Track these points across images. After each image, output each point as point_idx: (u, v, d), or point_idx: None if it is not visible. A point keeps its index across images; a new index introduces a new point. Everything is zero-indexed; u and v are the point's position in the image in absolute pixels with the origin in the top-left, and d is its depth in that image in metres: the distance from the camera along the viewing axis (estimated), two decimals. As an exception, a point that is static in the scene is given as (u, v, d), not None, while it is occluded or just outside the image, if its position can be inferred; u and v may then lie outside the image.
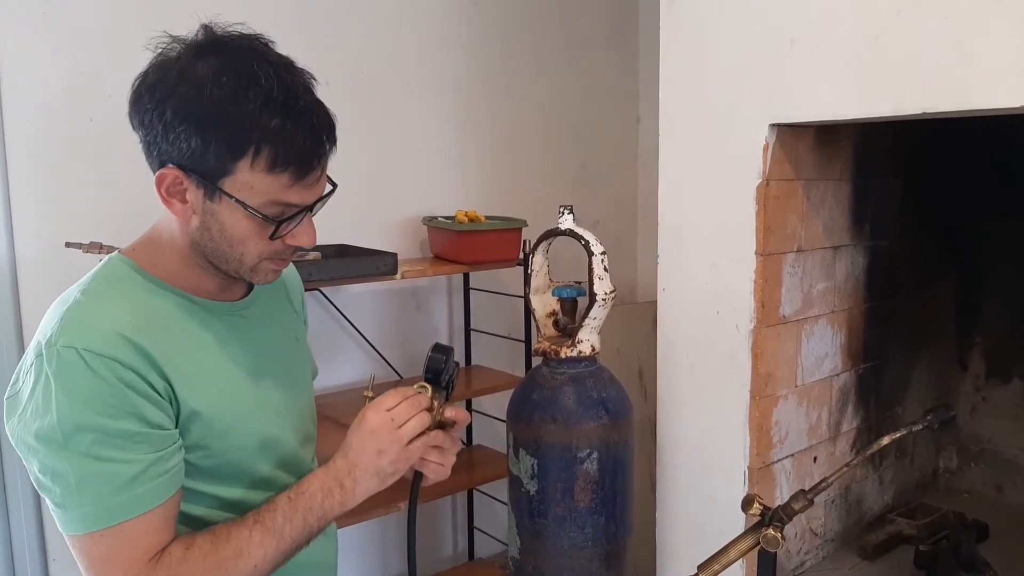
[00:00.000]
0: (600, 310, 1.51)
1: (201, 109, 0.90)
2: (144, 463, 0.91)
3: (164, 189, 0.94)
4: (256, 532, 0.97)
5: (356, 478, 1.03)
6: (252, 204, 0.93)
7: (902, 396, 2.10)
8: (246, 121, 0.90)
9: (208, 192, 0.93)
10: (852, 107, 1.41)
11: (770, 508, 1.16)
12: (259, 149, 0.90)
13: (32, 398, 0.91)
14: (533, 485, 1.54)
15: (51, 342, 0.91)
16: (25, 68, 1.81)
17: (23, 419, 0.92)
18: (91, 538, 0.92)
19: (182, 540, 0.95)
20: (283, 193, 0.94)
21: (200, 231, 0.96)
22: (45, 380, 0.90)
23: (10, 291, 1.83)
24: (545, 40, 2.76)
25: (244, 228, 0.95)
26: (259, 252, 0.98)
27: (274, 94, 0.91)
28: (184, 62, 0.93)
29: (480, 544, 2.67)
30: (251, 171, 0.91)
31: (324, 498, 1.02)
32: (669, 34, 1.72)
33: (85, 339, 0.90)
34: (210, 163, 0.91)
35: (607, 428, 1.52)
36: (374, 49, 2.33)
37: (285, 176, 0.92)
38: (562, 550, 1.53)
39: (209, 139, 0.90)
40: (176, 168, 0.92)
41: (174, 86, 0.91)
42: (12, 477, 1.87)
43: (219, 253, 0.98)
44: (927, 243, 2.13)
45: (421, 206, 2.48)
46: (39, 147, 1.85)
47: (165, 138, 0.92)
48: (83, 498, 0.90)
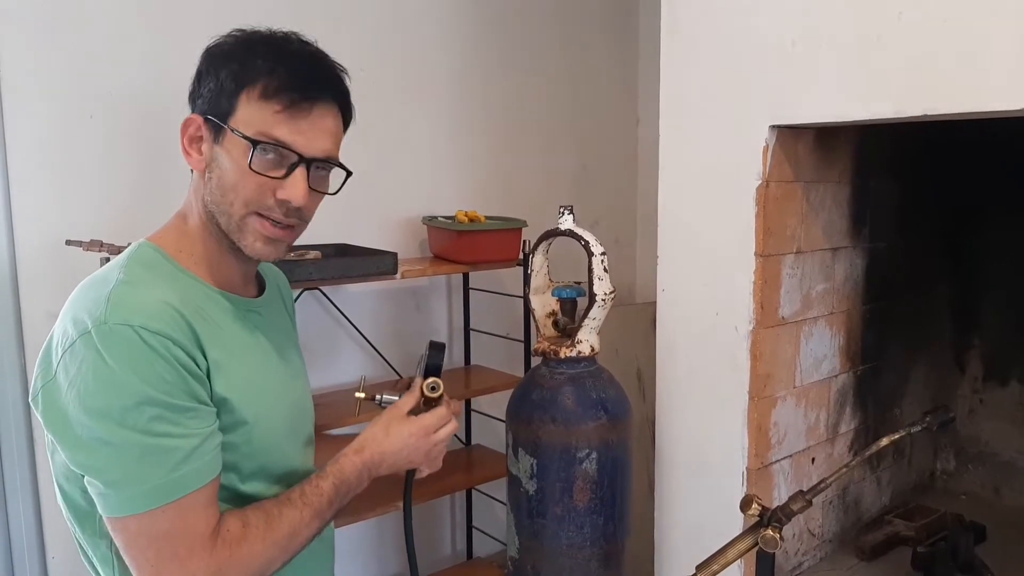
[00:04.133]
0: (600, 310, 1.51)
1: (217, 55, 1.01)
2: (199, 437, 0.93)
3: (187, 138, 1.01)
4: (306, 513, 1.02)
5: (381, 472, 1.11)
6: (247, 134, 0.98)
7: (900, 398, 2.11)
8: (249, 57, 0.99)
9: (216, 135, 1.00)
10: (852, 109, 1.42)
11: (768, 509, 1.16)
12: (255, 79, 0.98)
13: (80, 378, 0.89)
14: (532, 485, 1.54)
15: (102, 320, 0.90)
16: (25, 66, 1.81)
17: (67, 401, 0.90)
18: (151, 516, 0.91)
19: (236, 515, 0.97)
20: (274, 125, 0.98)
21: (208, 185, 1.01)
22: (96, 358, 0.89)
23: (10, 288, 1.83)
24: (545, 40, 2.77)
25: (237, 168, 0.99)
26: (246, 199, 0.99)
27: (276, 38, 1.02)
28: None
29: (479, 544, 2.67)
30: (248, 102, 0.98)
31: (357, 485, 1.08)
32: (669, 35, 1.72)
33: (140, 317, 0.91)
34: (222, 104, 0.99)
35: (606, 428, 1.52)
36: (374, 49, 2.33)
37: (275, 103, 0.98)
38: (560, 550, 1.53)
39: (221, 79, 0.99)
40: (198, 114, 1.01)
41: (205, 52, 1.02)
42: (11, 475, 1.87)
43: (218, 210, 1.01)
44: (926, 245, 2.14)
45: (421, 206, 2.48)
46: (40, 145, 1.85)
47: (198, 91, 1.02)
48: (144, 474, 0.90)
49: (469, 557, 2.66)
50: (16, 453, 1.88)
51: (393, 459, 1.11)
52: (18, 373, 1.86)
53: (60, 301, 1.99)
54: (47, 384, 0.92)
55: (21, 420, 1.87)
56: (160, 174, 1.95)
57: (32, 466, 1.90)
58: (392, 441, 1.10)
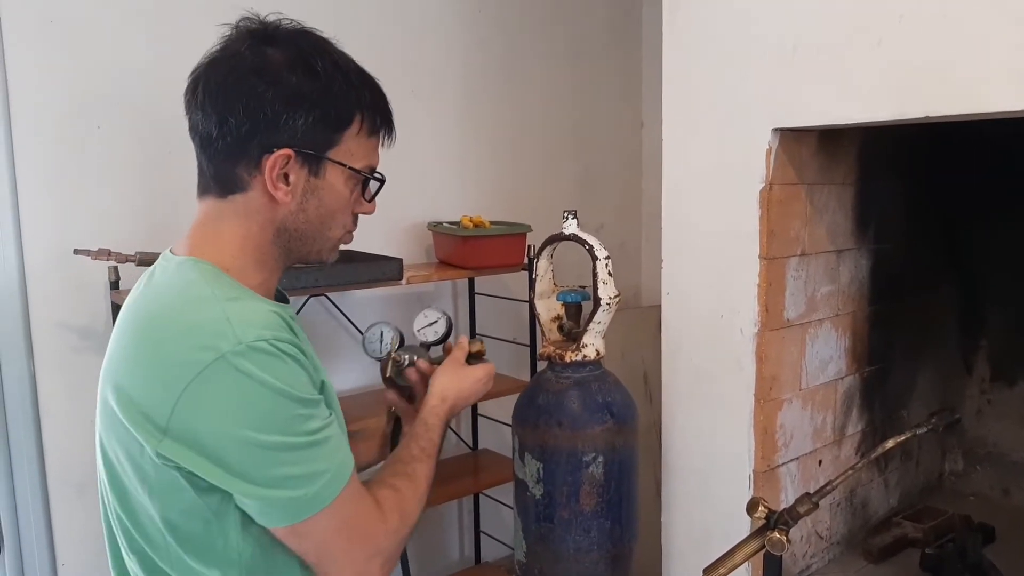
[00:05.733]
0: (604, 314, 1.51)
1: (305, 90, 0.98)
2: (335, 421, 0.99)
3: (275, 173, 0.99)
4: (430, 464, 1.14)
5: (456, 411, 1.25)
6: (357, 167, 1.04)
7: (907, 399, 2.10)
8: (349, 95, 1.01)
9: (313, 168, 1.00)
10: (855, 111, 1.42)
11: (775, 511, 1.17)
12: (363, 117, 1.03)
13: (229, 402, 0.89)
14: (539, 489, 1.54)
15: (236, 341, 0.89)
16: (34, 76, 1.83)
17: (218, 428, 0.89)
18: (337, 503, 0.95)
19: (379, 484, 1.07)
20: (372, 156, 1.07)
21: (296, 214, 1.02)
22: (245, 379, 0.89)
23: (19, 297, 1.85)
24: (548, 45, 2.77)
25: (341, 199, 1.05)
26: (344, 224, 1.08)
27: (352, 68, 1.04)
28: (259, 49, 0.99)
29: (487, 548, 2.67)
30: (356, 138, 1.03)
31: (445, 430, 1.22)
32: (672, 39, 1.73)
33: (268, 330, 0.93)
34: (320, 138, 1.00)
35: (612, 432, 1.51)
36: (378, 55, 2.32)
37: (375, 138, 1.06)
38: (568, 554, 1.53)
39: (319, 116, 0.99)
40: (288, 148, 0.98)
41: (265, 72, 0.97)
42: (22, 484, 1.89)
43: (308, 234, 1.05)
44: (931, 246, 2.13)
45: (426, 212, 2.49)
46: (48, 154, 1.86)
47: (274, 123, 0.97)
48: (320, 467, 0.94)
49: (477, 562, 2.67)
50: (27, 463, 1.89)
51: (465, 400, 1.26)
52: (27, 381, 1.87)
53: (69, 310, 2.01)
54: (172, 420, 0.89)
55: (31, 430, 1.89)
56: (167, 183, 1.96)
57: (42, 475, 1.91)
58: (464, 385, 1.26)
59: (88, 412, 2.05)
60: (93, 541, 1.97)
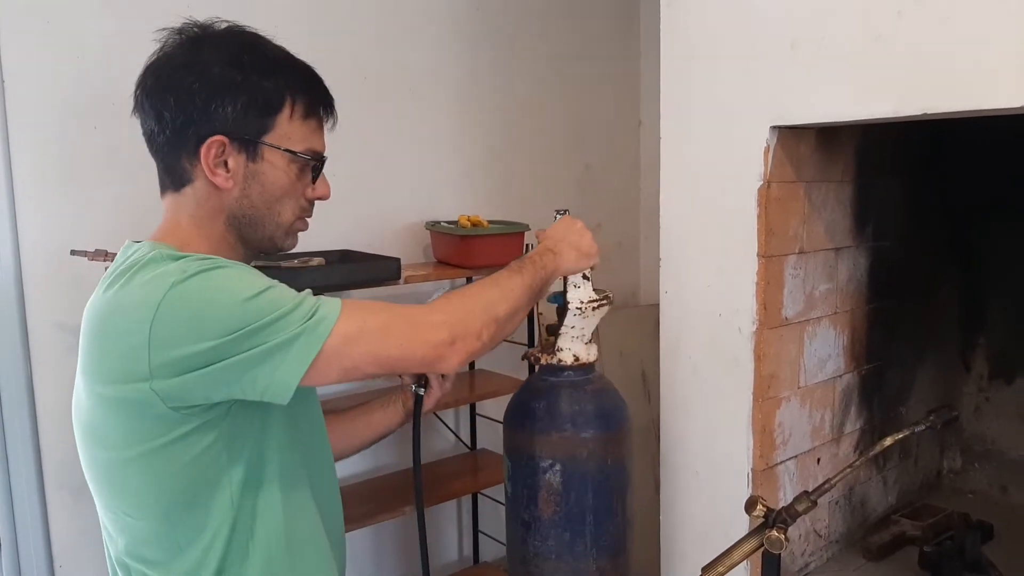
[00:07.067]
0: (577, 319, 1.45)
1: (231, 79, 1.03)
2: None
3: (210, 159, 1.03)
4: (503, 271, 1.20)
5: (561, 250, 1.31)
6: (297, 151, 1.07)
7: (905, 397, 2.10)
8: (276, 80, 1.05)
9: (251, 153, 1.05)
10: (853, 108, 1.42)
11: (774, 510, 1.16)
12: (294, 100, 1.06)
13: (190, 319, 0.94)
14: (509, 487, 1.53)
15: (182, 270, 0.96)
16: (29, 76, 1.82)
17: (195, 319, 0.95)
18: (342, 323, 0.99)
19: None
20: (313, 139, 1.09)
21: (240, 199, 1.06)
22: (195, 288, 0.95)
23: (16, 298, 1.84)
24: (546, 44, 2.77)
25: (284, 182, 1.07)
26: (293, 209, 1.10)
27: (281, 56, 1.08)
28: (191, 49, 1.05)
29: (485, 548, 2.67)
30: (290, 122, 1.06)
31: (542, 257, 1.27)
32: (670, 37, 1.73)
33: (204, 262, 0.99)
34: (251, 124, 1.04)
35: (572, 442, 1.45)
36: (375, 54, 2.34)
37: (313, 121, 1.09)
38: (528, 557, 1.49)
39: (247, 102, 1.03)
40: (220, 135, 1.03)
41: (192, 66, 1.03)
42: (18, 484, 1.88)
43: (257, 219, 1.08)
44: (930, 244, 2.13)
45: (424, 211, 2.49)
46: (44, 155, 1.86)
47: (204, 112, 1.02)
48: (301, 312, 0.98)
49: (476, 562, 2.66)
50: (23, 463, 1.88)
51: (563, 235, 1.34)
52: (24, 382, 1.87)
53: (66, 310, 2.00)
54: (152, 359, 0.94)
55: (28, 430, 1.88)
56: (163, 182, 1.95)
57: (39, 476, 1.91)
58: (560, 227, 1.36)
59: (85, 413, 2.04)
60: (90, 542, 1.97)
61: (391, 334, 1.02)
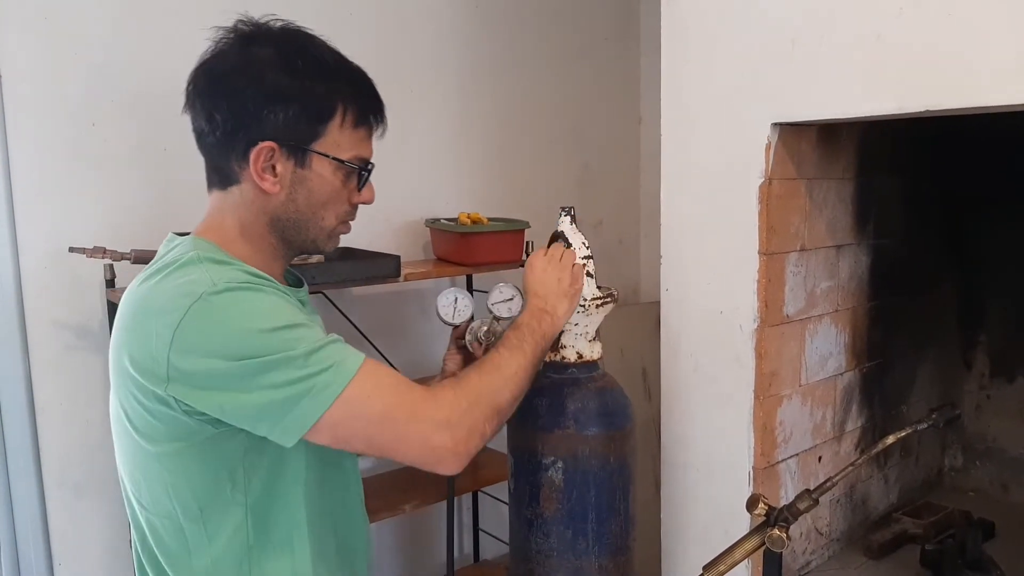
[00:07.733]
0: (581, 316, 1.44)
1: (285, 85, 1.02)
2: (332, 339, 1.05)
3: (259, 164, 1.04)
4: (504, 350, 1.18)
5: (553, 304, 1.28)
6: (344, 159, 1.07)
7: (907, 395, 2.10)
8: (328, 87, 1.05)
9: (299, 160, 1.05)
10: (854, 106, 1.41)
11: (775, 508, 1.16)
12: (346, 108, 1.06)
13: (212, 334, 0.95)
14: (512, 483, 1.53)
15: (213, 283, 0.96)
16: (27, 73, 1.82)
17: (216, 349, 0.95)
18: (349, 393, 0.98)
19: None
20: (361, 146, 1.09)
21: (285, 203, 1.07)
22: (222, 312, 0.95)
23: (14, 296, 1.84)
24: (546, 41, 2.76)
25: (330, 189, 1.08)
26: (337, 214, 1.11)
27: (335, 62, 1.08)
28: (244, 49, 1.04)
29: (485, 546, 2.67)
30: (340, 130, 1.06)
31: (540, 323, 1.25)
32: (670, 34, 1.72)
33: (245, 277, 1.00)
34: (302, 131, 1.04)
35: (574, 439, 1.44)
36: (375, 51, 2.32)
37: (364, 129, 1.09)
38: (530, 554, 1.49)
39: (299, 110, 1.03)
40: (271, 141, 1.03)
41: (246, 70, 1.03)
42: (17, 483, 1.88)
43: (300, 223, 1.08)
44: (931, 241, 2.13)
45: (423, 208, 2.48)
46: (42, 152, 1.85)
47: (256, 118, 1.02)
48: (313, 369, 0.97)
49: (476, 560, 2.66)
50: (23, 461, 1.88)
51: (545, 289, 1.29)
52: (23, 380, 1.86)
53: (64, 308, 2.00)
54: (171, 366, 0.95)
55: (27, 429, 1.88)
56: (162, 181, 1.95)
57: (38, 475, 1.90)
58: (534, 278, 1.31)
59: (84, 411, 2.06)
60: (90, 541, 1.96)
61: (389, 422, 1.02)
